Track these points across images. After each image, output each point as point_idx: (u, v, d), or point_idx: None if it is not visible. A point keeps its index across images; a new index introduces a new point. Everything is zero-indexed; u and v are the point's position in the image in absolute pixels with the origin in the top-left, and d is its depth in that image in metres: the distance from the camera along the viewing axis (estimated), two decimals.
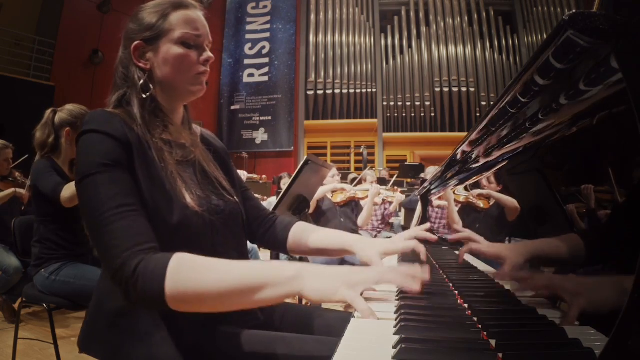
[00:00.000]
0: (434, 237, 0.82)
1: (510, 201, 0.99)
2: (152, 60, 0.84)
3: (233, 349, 0.73)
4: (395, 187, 4.35)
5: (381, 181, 4.91)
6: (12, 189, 1.79)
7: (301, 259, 2.79)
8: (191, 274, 0.62)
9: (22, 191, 1.78)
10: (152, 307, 0.68)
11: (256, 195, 1.10)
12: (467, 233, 1.14)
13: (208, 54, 0.86)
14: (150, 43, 0.83)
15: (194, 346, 0.73)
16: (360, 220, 3.23)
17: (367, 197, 3.33)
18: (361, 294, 0.63)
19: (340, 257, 2.89)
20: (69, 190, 1.69)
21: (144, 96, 0.82)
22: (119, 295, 0.67)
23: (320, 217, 3.11)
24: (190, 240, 0.73)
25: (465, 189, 1.42)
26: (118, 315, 0.73)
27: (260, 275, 0.62)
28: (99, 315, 0.76)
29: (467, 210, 1.38)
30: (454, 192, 1.61)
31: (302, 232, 0.98)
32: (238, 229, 0.90)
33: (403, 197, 4.08)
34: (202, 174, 0.87)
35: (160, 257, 0.64)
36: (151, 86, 0.83)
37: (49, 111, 1.87)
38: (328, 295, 0.60)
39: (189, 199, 0.76)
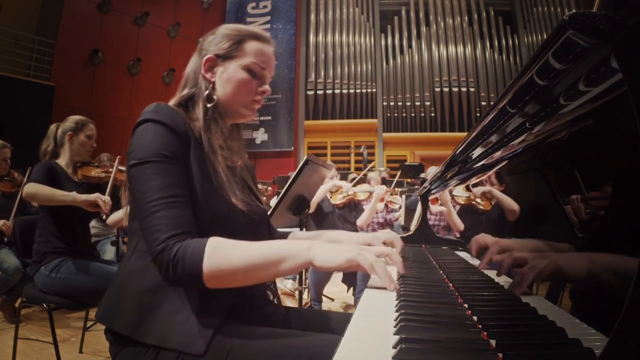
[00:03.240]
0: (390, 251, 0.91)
1: (508, 202, 0.99)
2: (217, 75, 0.91)
3: (250, 337, 0.77)
4: (396, 189, 4.28)
5: (382, 182, 4.89)
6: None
7: None
8: (224, 254, 0.71)
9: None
10: (190, 285, 0.74)
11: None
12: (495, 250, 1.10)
13: (267, 87, 0.95)
14: (221, 60, 0.91)
15: (214, 330, 0.76)
16: (360, 221, 3.21)
17: (367, 199, 3.31)
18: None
19: None
20: (30, 186, 1.75)
21: (208, 105, 0.89)
22: (145, 276, 0.78)
23: (320, 217, 3.11)
24: (229, 235, 0.79)
25: (467, 188, 1.42)
26: (144, 293, 0.78)
27: (280, 250, 0.73)
28: (123, 293, 0.80)
29: (468, 212, 1.38)
30: (453, 193, 1.61)
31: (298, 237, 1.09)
32: (264, 233, 1.01)
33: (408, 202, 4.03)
34: (242, 181, 0.96)
35: (197, 241, 0.72)
36: (215, 97, 0.90)
37: (52, 126, 2.02)
38: (332, 260, 0.72)
39: (234, 198, 0.85)
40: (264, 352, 0.73)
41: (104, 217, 1.95)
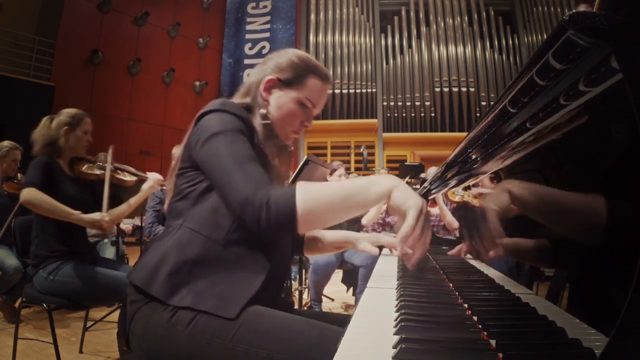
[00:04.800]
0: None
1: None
2: (273, 96, 0.96)
3: (281, 307, 0.83)
4: None
5: None
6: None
7: (300, 260, 2.80)
8: (315, 193, 0.76)
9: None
10: (283, 229, 0.77)
11: None
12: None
13: (310, 122, 1.00)
14: (281, 85, 0.96)
15: (248, 297, 0.80)
16: (365, 219, 3.20)
17: None
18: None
19: (340, 255, 2.91)
20: (29, 193, 1.66)
21: (262, 122, 0.94)
22: (188, 249, 0.82)
23: None
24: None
25: (467, 188, 1.42)
26: (185, 263, 0.81)
27: (365, 180, 0.78)
28: (164, 261, 0.83)
29: (463, 210, 1.38)
30: (452, 193, 1.61)
31: (316, 233, 1.15)
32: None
33: None
34: None
35: (286, 188, 0.77)
36: (270, 117, 0.94)
37: (46, 119, 1.90)
38: (410, 200, 0.75)
39: None
40: (276, 330, 0.76)
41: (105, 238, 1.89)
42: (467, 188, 1.43)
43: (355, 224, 3.24)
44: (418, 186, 5.09)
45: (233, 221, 0.83)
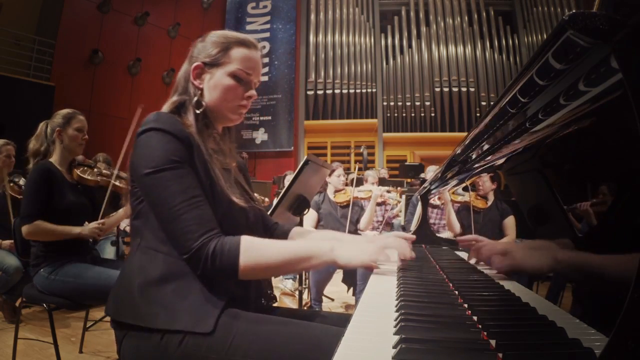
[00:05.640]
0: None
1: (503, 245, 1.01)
2: (205, 82, 0.94)
3: (257, 319, 0.81)
4: (399, 188, 4.28)
5: (381, 181, 4.89)
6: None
7: None
8: (259, 251, 0.81)
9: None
10: (227, 277, 0.80)
11: (256, 196, 1.18)
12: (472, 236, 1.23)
13: (253, 92, 0.97)
14: (208, 67, 0.94)
15: (220, 312, 0.79)
16: (362, 224, 3.21)
17: (368, 198, 3.31)
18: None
19: None
20: (31, 230, 1.71)
21: (197, 111, 0.93)
22: (149, 270, 0.82)
23: (321, 216, 3.11)
24: (230, 233, 0.83)
25: (465, 189, 1.42)
26: (149, 284, 0.81)
27: (307, 249, 0.83)
28: (129, 286, 0.83)
29: (466, 212, 1.38)
30: (453, 193, 1.61)
31: (300, 235, 1.12)
32: (260, 232, 1.04)
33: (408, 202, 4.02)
34: (236, 182, 0.99)
35: (231, 239, 0.80)
36: (203, 104, 0.94)
37: (42, 124, 1.95)
38: (354, 260, 0.83)
39: (234, 197, 0.89)
40: (272, 335, 0.76)
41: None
42: (466, 189, 1.43)
43: (352, 226, 3.24)
44: (418, 186, 5.09)
45: None
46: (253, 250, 0.80)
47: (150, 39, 8.39)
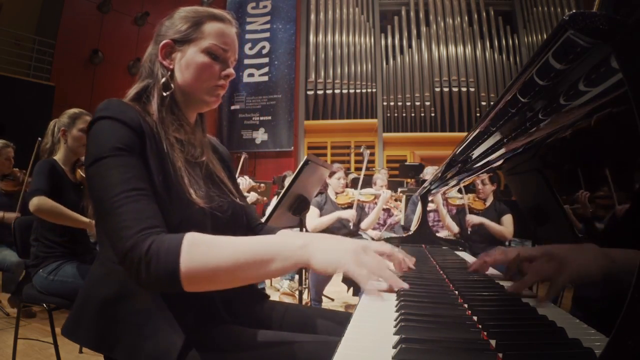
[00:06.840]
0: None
1: (499, 230, 1.00)
2: (176, 61, 0.85)
3: (231, 346, 0.73)
4: (400, 194, 4.26)
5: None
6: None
7: None
8: (205, 251, 0.63)
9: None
10: (165, 287, 0.64)
11: (257, 197, 1.13)
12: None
13: (230, 70, 0.87)
14: (179, 45, 0.85)
15: (187, 341, 0.70)
16: (364, 224, 3.22)
17: (371, 202, 3.31)
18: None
19: None
20: (39, 201, 1.70)
21: (164, 94, 0.83)
22: (105, 285, 0.71)
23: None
24: None
25: (463, 190, 1.42)
26: (106, 303, 0.72)
27: (270, 247, 0.64)
28: (87, 303, 0.74)
29: (464, 215, 1.38)
30: (446, 196, 1.61)
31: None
32: (240, 230, 0.92)
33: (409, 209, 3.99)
34: (208, 176, 0.89)
35: (172, 237, 0.64)
36: (172, 86, 0.84)
37: (51, 122, 1.98)
38: (333, 267, 0.62)
39: (194, 195, 0.77)
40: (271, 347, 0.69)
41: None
42: (461, 191, 1.43)
43: (355, 227, 3.24)
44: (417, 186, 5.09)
45: None
46: (198, 248, 0.63)
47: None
